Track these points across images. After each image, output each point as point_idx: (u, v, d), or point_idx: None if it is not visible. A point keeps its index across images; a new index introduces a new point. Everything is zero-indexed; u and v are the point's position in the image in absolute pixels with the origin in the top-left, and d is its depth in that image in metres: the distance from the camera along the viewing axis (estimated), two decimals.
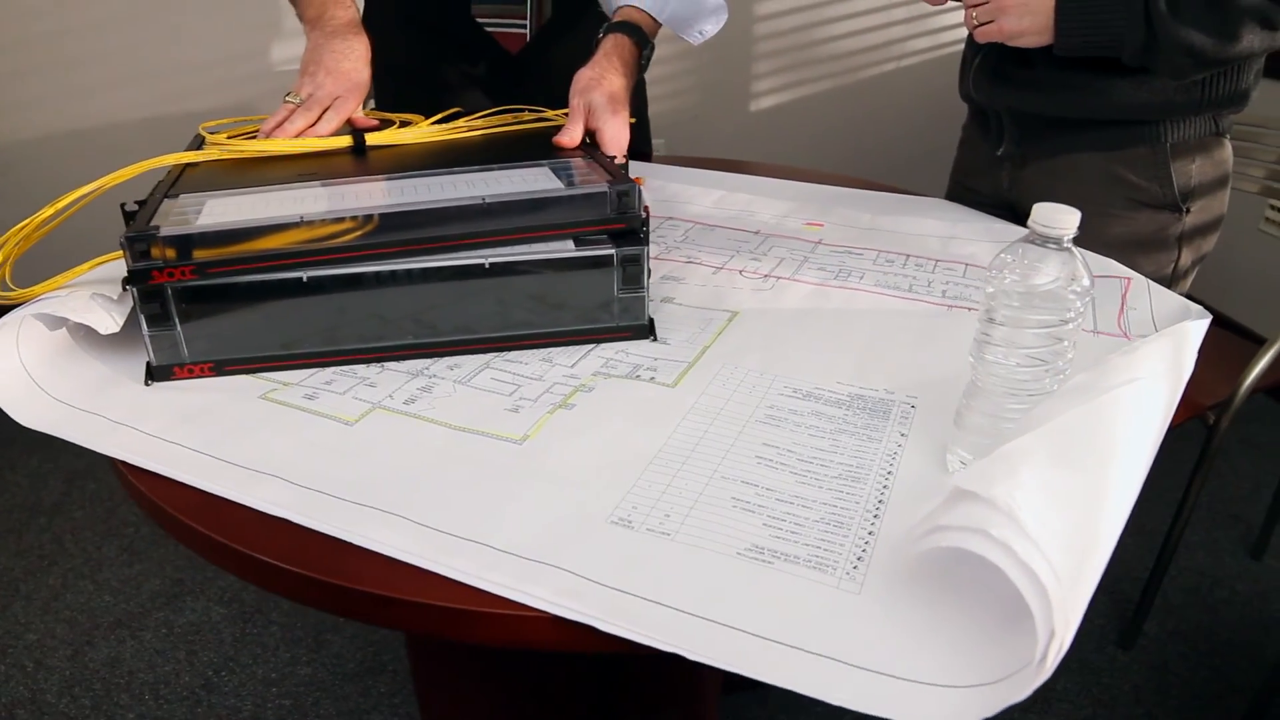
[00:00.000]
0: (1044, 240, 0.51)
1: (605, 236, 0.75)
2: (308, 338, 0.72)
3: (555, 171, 0.80)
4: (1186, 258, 1.03)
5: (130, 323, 0.71)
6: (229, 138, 0.93)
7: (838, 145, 2.58)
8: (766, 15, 2.41)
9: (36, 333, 0.72)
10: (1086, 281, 0.51)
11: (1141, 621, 1.38)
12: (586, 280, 0.74)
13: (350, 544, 0.51)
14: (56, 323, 0.74)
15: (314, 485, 0.56)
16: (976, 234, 1.04)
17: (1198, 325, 0.69)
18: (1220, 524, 1.65)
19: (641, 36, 1.03)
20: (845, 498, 0.55)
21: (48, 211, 0.77)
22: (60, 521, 1.70)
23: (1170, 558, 1.32)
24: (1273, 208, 2.04)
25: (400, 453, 0.60)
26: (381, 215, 0.70)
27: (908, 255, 0.97)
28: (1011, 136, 1.06)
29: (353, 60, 0.97)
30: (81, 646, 1.41)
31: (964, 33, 1.01)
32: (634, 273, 0.74)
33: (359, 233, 0.71)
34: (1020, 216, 1.09)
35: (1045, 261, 0.52)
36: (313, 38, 0.99)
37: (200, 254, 0.68)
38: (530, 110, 1.02)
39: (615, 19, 1.05)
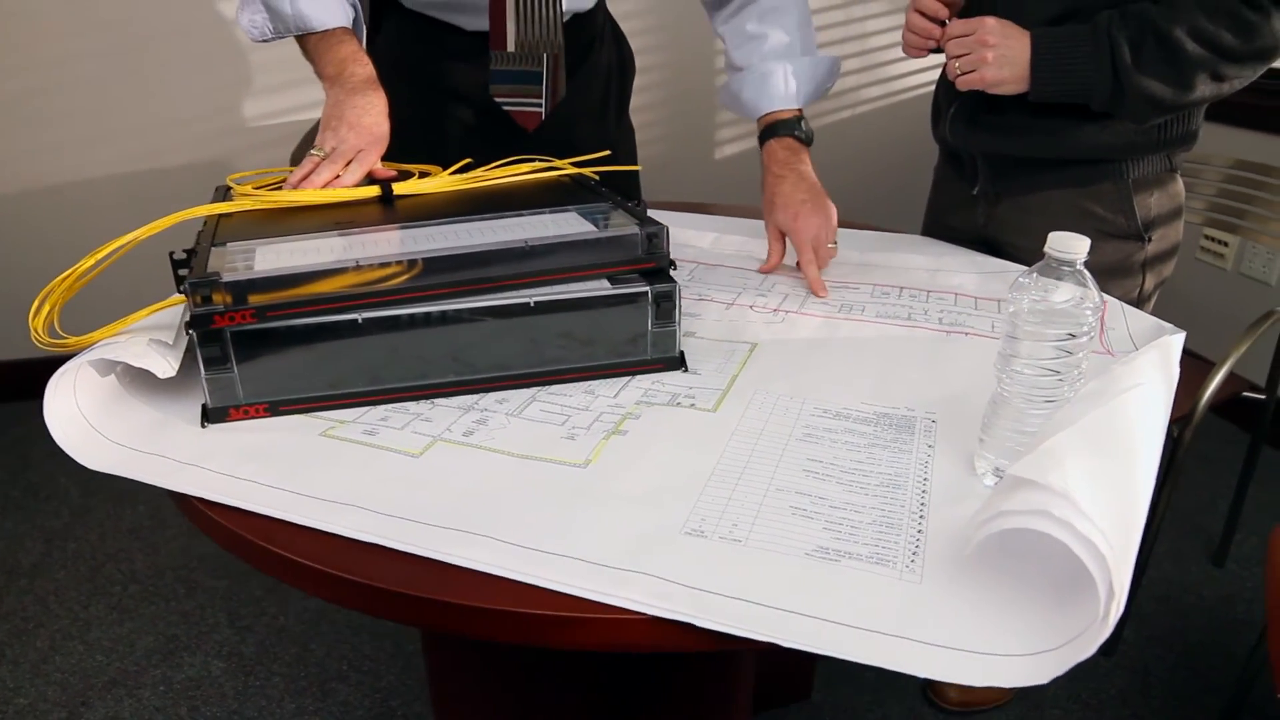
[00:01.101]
0: (1059, 264, 0.58)
1: (637, 275, 0.80)
2: (360, 377, 0.75)
3: (584, 215, 0.85)
4: (1150, 282, 1.12)
5: (181, 366, 0.73)
6: (256, 189, 0.97)
7: None
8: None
9: (89, 378, 0.74)
10: (1097, 300, 0.58)
11: (1120, 629, 1.45)
12: (622, 316, 0.79)
13: (441, 563, 0.54)
14: (108, 368, 0.76)
15: (394, 512, 0.59)
16: (961, 266, 1.11)
17: (1176, 339, 0.77)
18: (1183, 535, 1.75)
19: (799, 127, 1.10)
20: (890, 502, 0.61)
21: (88, 262, 0.79)
22: (42, 583, 1.67)
23: (1144, 568, 1.40)
24: (1207, 237, 2.18)
25: (470, 480, 0.63)
26: (430, 259, 0.75)
27: (901, 288, 1.04)
28: (986, 176, 1.15)
29: (373, 115, 1.01)
30: (76, 708, 1.38)
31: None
32: (667, 308, 0.79)
33: (407, 275, 0.75)
34: (996, 250, 1.17)
35: (1060, 283, 0.58)
36: (333, 94, 1.03)
37: (258, 298, 0.71)
38: (540, 159, 1.07)
39: (768, 122, 1.11)
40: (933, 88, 1.24)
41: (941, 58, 1.08)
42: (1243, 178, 1.52)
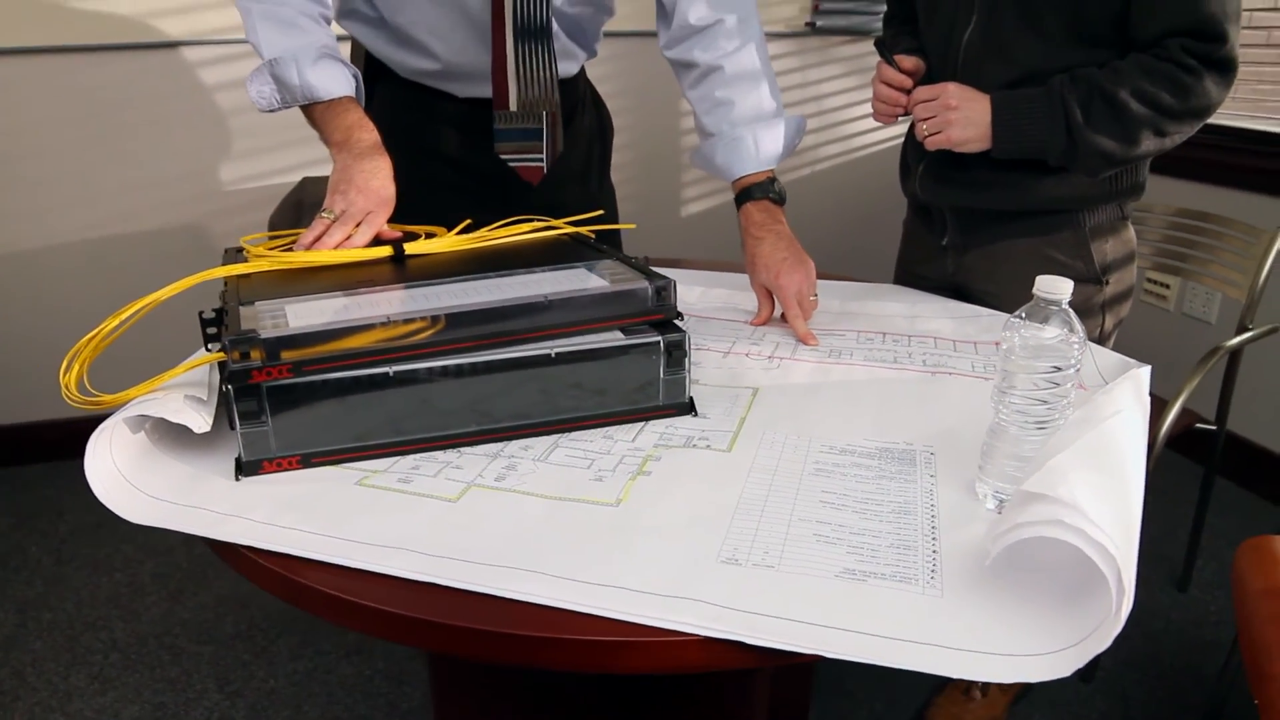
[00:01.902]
0: (1046, 304, 0.64)
1: (647, 326, 0.85)
2: (389, 428, 0.78)
3: (593, 271, 0.90)
4: (1109, 322, 1.20)
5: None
6: (269, 249, 1.00)
7: None
8: (692, 128, 2.63)
9: (123, 435, 0.77)
10: (1081, 336, 0.64)
11: (1098, 656, 1.51)
12: (636, 365, 0.84)
13: (495, 598, 0.58)
14: (138, 425, 0.78)
15: (443, 553, 0.63)
16: (935, 312, 1.19)
17: (1144, 372, 0.84)
18: (1148, 563, 1.83)
19: (772, 189, 1.17)
20: (904, 527, 0.66)
21: (113, 321, 0.83)
22: (18, 655, 1.63)
23: None
24: (1150, 280, 2.31)
25: (510, 521, 0.67)
26: (454, 314, 0.79)
27: (884, 334, 1.11)
28: (954, 228, 1.23)
29: (380, 179, 1.06)
30: None
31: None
32: (678, 356, 0.84)
33: (433, 330, 0.79)
34: (966, 296, 1.25)
35: (1048, 321, 0.64)
36: (340, 159, 1.08)
37: (291, 354, 0.74)
38: (538, 219, 1.12)
39: (742, 186, 1.17)
40: (888, 145, 1.33)
41: (902, 121, 1.17)
42: (1184, 224, 1.63)
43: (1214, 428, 1.58)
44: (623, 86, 2.51)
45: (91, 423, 0.74)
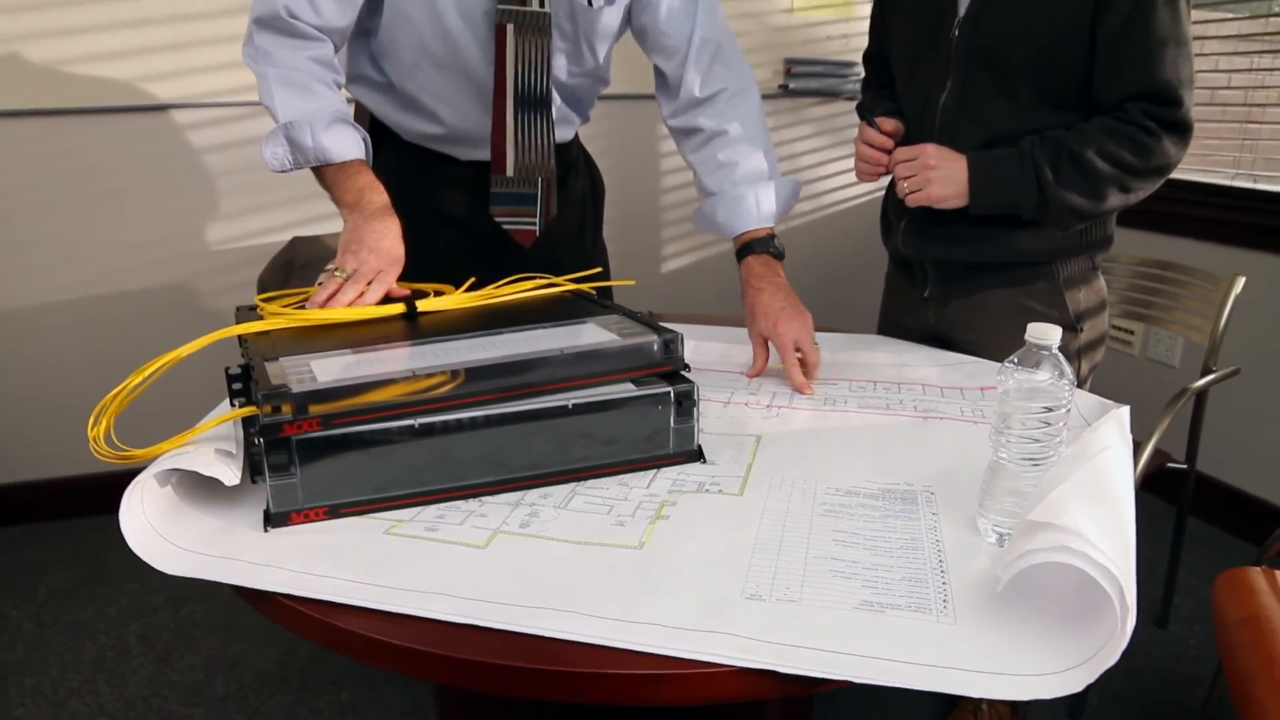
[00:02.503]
0: (1038, 350, 0.70)
1: (656, 377, 0.89)
2: (412, 479, 0.81)
3: (602, 326, 0.94)
4: (1085, 367, 1.27)
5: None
6: (283, 307, 1.04)
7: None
8: (672, 187, 2.71)
9: (152, 490, 0.78)
10: (1071, 378, 0.70)
11: (1085, 693, 1.55)
12: (647, 414, 0.87)
13: (538, 637, 0.60)
14: (165, 478, 0.80)
15: (479, 596, 0.65)
16: (921, 361, 1.24)
17: (1123, 412, 0.89)
18: None
19: (772, 245, 1.23)
20: (913, 562, 0.70)
21: (137, 378, 0.85)
22: None
23: None
24: (1116, 326, 2.41)
25: (539, 565, 0.70)
26: (477, 368, 0.82)
27: (875, 382, 1.16)
28: (935, 281, 1.29)
29: (391, 239, 1.10)
30: None
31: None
32: (687, 406, 0.88)
33: (454, 383, 0.82)
34: (948, 345, 1.31)
35: (1040, 365, 0.70)
36: (351, 219, 1.12)
37: (319, 408, 0.77)
38: (541, 277, 1.16)
39: (744, 241, 1.23)
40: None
41: (882, 179, 1.24)
42: (1146, 273, 1.72)
43: (1184, 467, 1.65)
44: (604, 147, 2.58)
45: (67, 484, 0.77)
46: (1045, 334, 0.69)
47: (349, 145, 1.13)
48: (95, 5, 2.10)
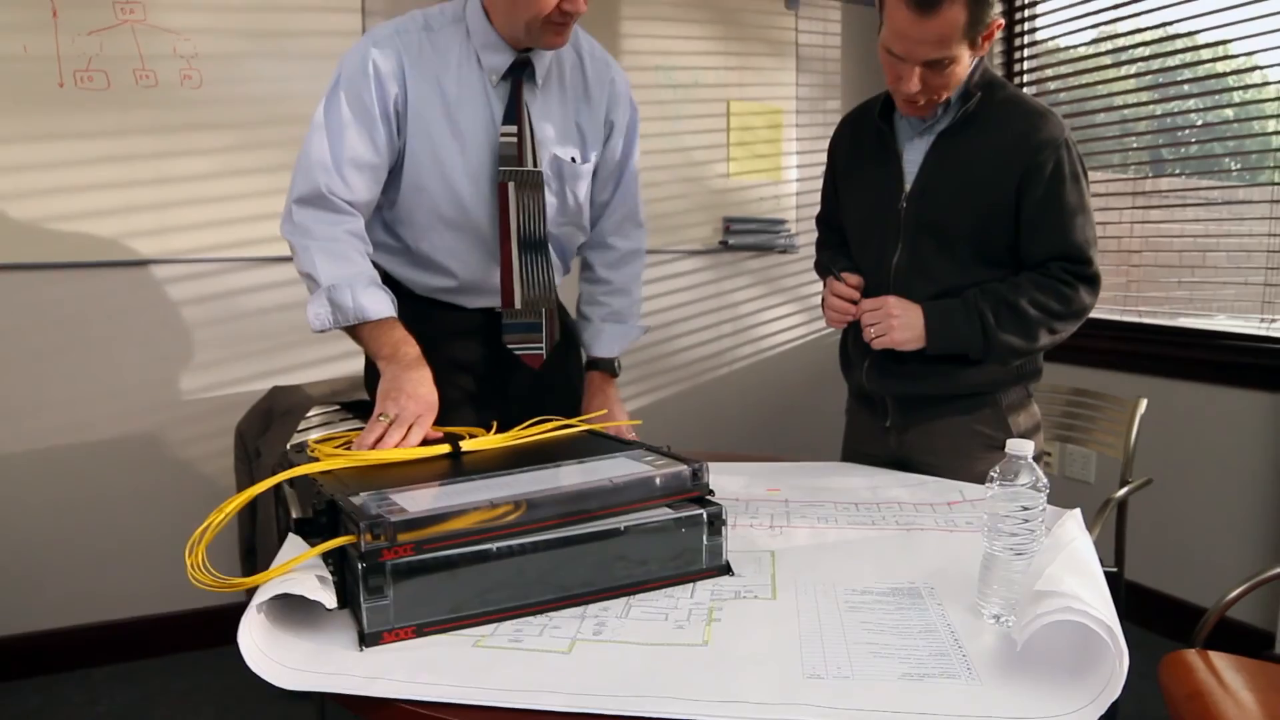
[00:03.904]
0: (1016, 459, 0.87)
1: (687, 501, 1.03)
2: (485, 598, 0.91)
3: (632, 459, 1.08)
4: None
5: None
6: (335, 447, 1.14)
7: (701, 434, 3.00)
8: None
9: (251, 616, 0.86)
10: (1045, 481, 0.87)
11: None
12: (685, 534, 1.00)
13: (644, 718, 0.71)
14: (261, 608, 0.88)
15: (580, 691, 0.76)
16: (890, 483, 1.41)
17: (1075, 513, 1.07)
18: None
19: (612, 366, 1.58)
20: (933, 641, 0.83)
21: (218, 515, 0.94)
22: None
23: None
24: None
25: (622, 664, 0.81)
26: (541, 497, 0.95)
27: (855, 503, 1.32)
28: (896, 412, 1.49)
29: (426, 386, 1.24)
30: None
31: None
32: (718, 525, 1.02)
33: (520, 511, 0.94)
34: (909, 468, 1.49)
35: (1019, 473, 0.87)
36: (389, 370, 1.25)
37: (408, 535, 0.88)
38: (556, 419, 1.30)
39: (592, 358, 1.57)
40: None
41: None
42: (1064, 399, 1.97)
43: (1115, 570, 1.84)
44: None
45: (17, 642, 0.83)
46: (1021, 448, 0.87)
47: (384, 305, 1.28)
48: (84, 167, 2.22)
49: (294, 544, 0.99)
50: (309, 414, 2.21)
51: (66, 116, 2.19)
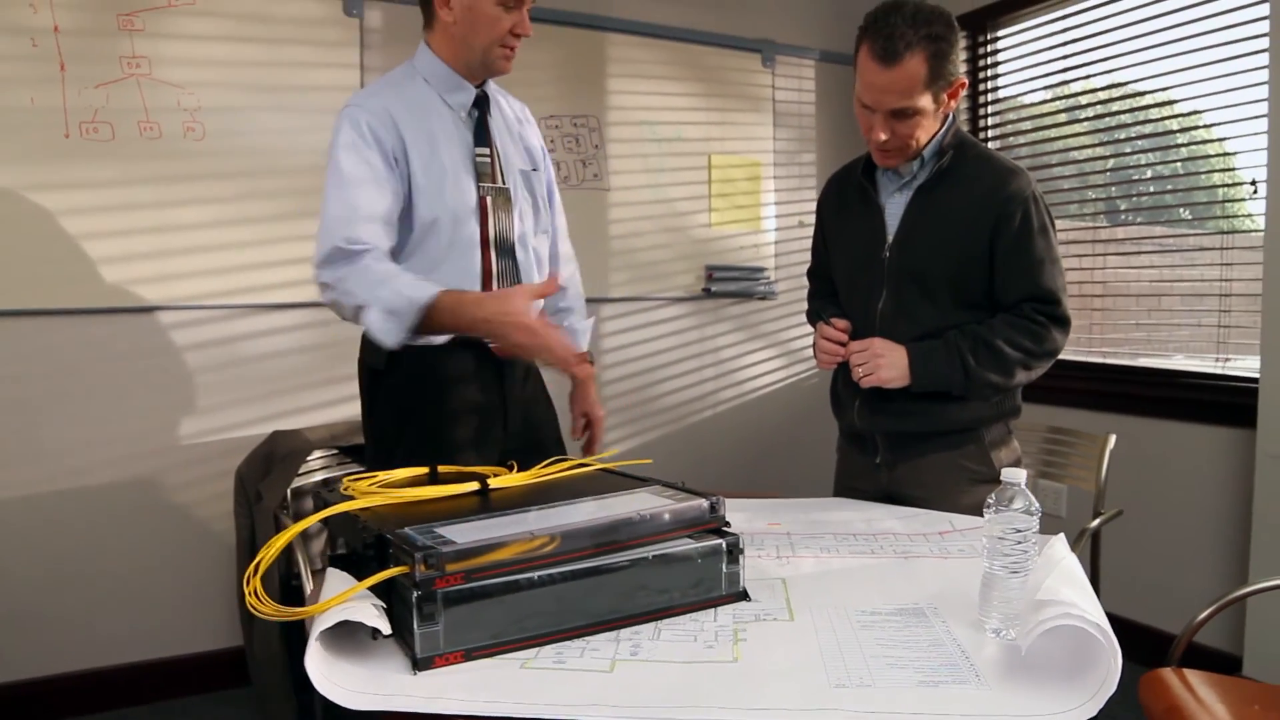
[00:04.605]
0: (1010, 486, 0.96)
1: (706, 532, 1.11)
2: (524, 624, 0.98)
3: (653, 494, 1.16)
4: None
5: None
6: (370, 485, 1.21)
7: (687, 473, 3.07)
8: (611, 379, 2.99)
9: (316, 646, 0.92)
10: (1037, 506, 0.96)
11: None
12: (706, 562, 1.08)
13: None
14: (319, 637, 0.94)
15: (632, 703, 0.83)
16: (883, 516, 1.50)
17: (1061, 536, 1.16)
18: None
19: (590, 358, 1.70)
20: (943, 653, 0.92)
21: (269, 550, 1.01)
22: None
23: None
24: None
25: (662, 679, 0.88)
26: (577, 529, 1.02)
27: (854, 534, 1.40)
28: (885, 448, 1.58)
29: (512, 297, 1.41)
30: None
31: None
32: (735, 554, 1.10)
33: (556, 543, 1.01)
34: (899, 502, 1.58)
35: (1014, 498, 0.96)
36: (481, 312, 1.40)
37: (457, 565, 0.95)
38: (572, 459, 1.38)
39: None
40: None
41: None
42: (1040, 436, 2.08)
43: None
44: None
45: (14, 689, 0.88)
46: (1015, 475, 0.96)
47: (427, 286, 1.40)
48: (87, 215, 2.26)
49: (337, 577, 1.05)
50: (309, 457, 2.26)
51: (72, 166, 2.25)
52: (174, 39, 2.33)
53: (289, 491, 2.20)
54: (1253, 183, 2.33)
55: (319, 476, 2.25)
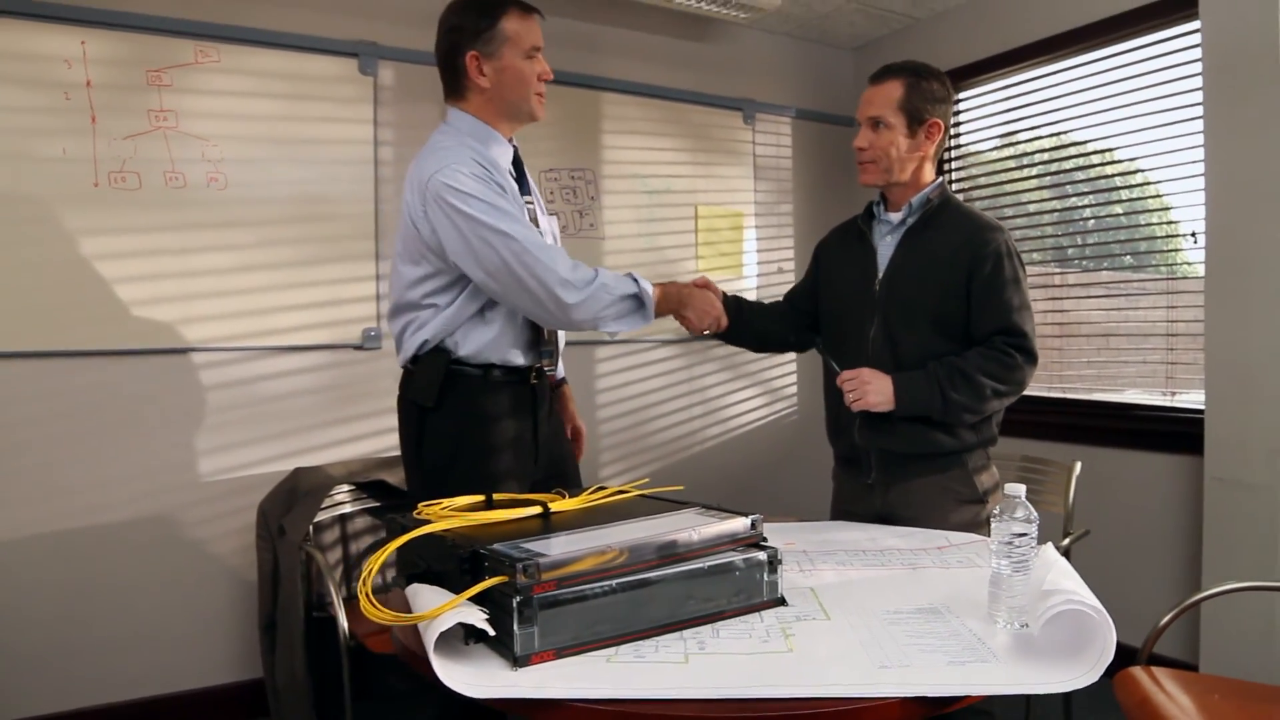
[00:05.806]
0: (1013, 499, 1.15)
1: (748, 545, 1.27)
2: (601, 627, 1.12)
3: (698, 514, 1.32)
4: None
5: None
6: (444, 510, 1.34)
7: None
8: (606, 417, 3.15)
9: (431, 649, 1.05)
10: (1035, 516, 1.15)
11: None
12: (750, 572, 1.24)
13: (754, 700, 0.94)
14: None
15: (715, 684, 0.98)
16: (883, 535, 1.67)
17: (1049, 545, 1.35)
18: None
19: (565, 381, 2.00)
20: (963, 641, 1.09)
21: (375, 562, 1.15)
22: None
23: None
24: None
25: (731, 668, 1.03)
26: (642, 544, 1.17)
27: (862, 550, 1.58)
28: (878, 468, 1.77)
29: (697, 295, 1.84)
30: None
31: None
32: (775, 564, 1.26)
33: (625, 556, 1.16)
34: (893, 522, 1.76)
35: (1016, 509, 1.15)
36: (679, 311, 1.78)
37: (550, 574, 1.09)
38: (612, 486, 1.53)
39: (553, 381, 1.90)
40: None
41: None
42: (1015, 465, 2.29)
43: None
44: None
45: None
46: (1016, 490, 1.15)
47: (627, 279, 1.69)
48: (114, 260, 2.36)
49: (428, 590, 1.19)
50: (331, 492, 2.37)
51: (100, 214, 2.35)
52: (199, 94, 2.47)
53: (311, 526, 2.30)
54: (1192, 234, 2.60)
55: (344, 510, 2.36)
